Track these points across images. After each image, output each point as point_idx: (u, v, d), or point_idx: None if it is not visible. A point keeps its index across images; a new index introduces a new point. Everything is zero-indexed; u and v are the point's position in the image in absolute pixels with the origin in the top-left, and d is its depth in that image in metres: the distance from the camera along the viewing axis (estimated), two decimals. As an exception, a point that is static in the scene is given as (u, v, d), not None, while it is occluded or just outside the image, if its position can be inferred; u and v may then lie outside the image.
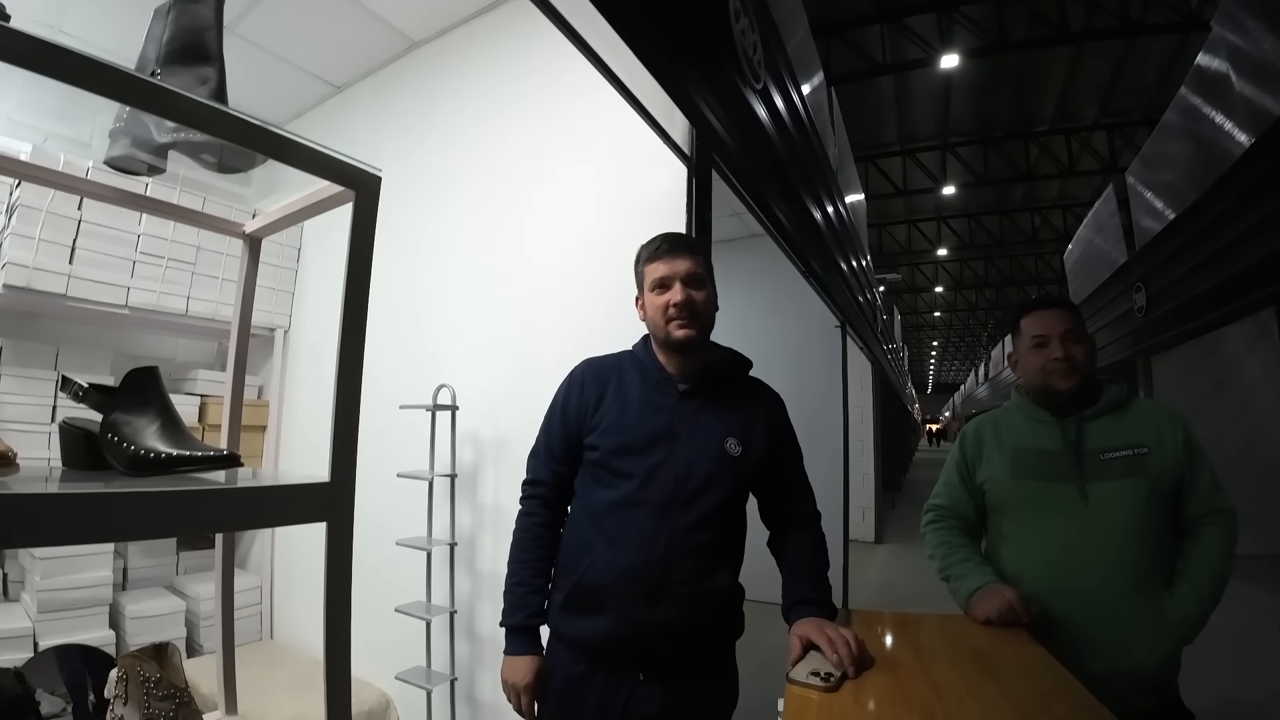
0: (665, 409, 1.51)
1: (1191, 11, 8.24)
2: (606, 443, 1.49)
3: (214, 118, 0.83)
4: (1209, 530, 1.58)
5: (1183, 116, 6.65)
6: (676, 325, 1.50)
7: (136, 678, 1.06)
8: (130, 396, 0.97)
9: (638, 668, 1.43)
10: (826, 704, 1.12)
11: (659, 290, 1.53)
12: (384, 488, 2.62)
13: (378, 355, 1.54)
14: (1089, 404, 1.66)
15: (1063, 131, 12.67)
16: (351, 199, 0.91)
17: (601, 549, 1.44)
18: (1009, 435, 1.75)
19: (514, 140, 2.70)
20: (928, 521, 1.87)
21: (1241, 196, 5.37)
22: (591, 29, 1.57)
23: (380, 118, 3.24)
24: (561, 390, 1.62)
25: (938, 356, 43.64)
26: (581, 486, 1.55)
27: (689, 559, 1.43)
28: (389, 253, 2.96)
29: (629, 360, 1.61)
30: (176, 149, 1.09)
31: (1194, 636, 1.53)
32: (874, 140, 13.26)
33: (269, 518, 0.90)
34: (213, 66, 1.16)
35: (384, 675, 2.55)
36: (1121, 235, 8.67)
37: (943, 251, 19.41)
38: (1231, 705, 3.57)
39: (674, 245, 1.56)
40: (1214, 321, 6.23)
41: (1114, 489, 1.57)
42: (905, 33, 9.60)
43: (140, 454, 0.87)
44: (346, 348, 0.87)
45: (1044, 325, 1.69)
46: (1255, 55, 5.08)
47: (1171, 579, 1.57)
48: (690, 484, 1.45)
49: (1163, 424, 1.62)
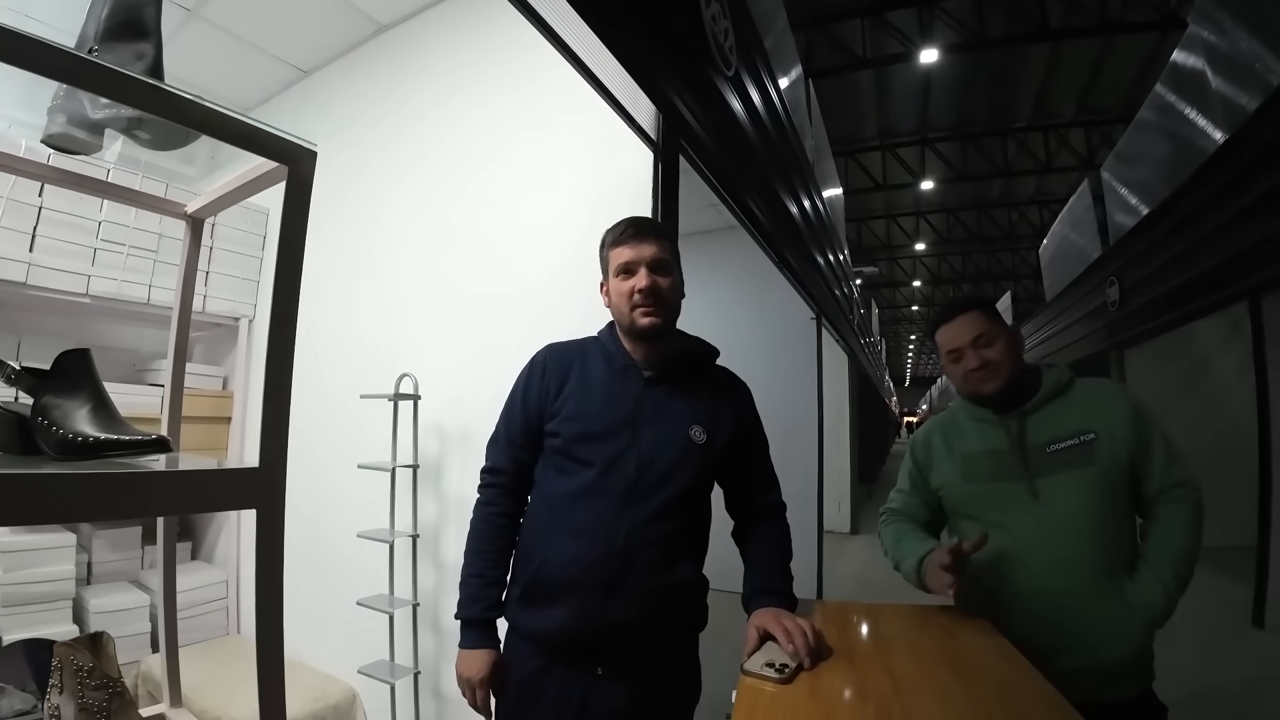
0: (629, 396, 1.48)
1: (1170, 10, 8.32)
2: (567, 429, 1.45)
3: (142, 92, 0.80)
4: (1168, 508, 1.54)
5: (1158, 113, 6.73)
6: (641, 313, 1.46)
7: (70, 667, 1.04)
8: (61, 379, 0.95)
9: (596, 661, 1.40)
10: (779, 696, 1.10)
11: (624, 276, 1.49)
12: (345, 479, 2.59)
13: (338, 344, 1.51)
14: (1029, 396, 1.62)
15: (1041, 128, 12.79)
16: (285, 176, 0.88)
17: (560, 539, 1.40)
18: (957, 439, 1.72)
19: (480, 124, 2.66)
20: (883, 523, 1.85)
21: (1214, 192, 5.43)
22: (553, 9, 1.54)
23: (347, 102, 3.19)
24: (523, 375, 1.57)
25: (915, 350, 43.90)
26: (541, 475, 1.51)
27: (650, 550, 1.40)
28: (350, 238, 2.94)
29: (593, 346, 1.58)
30: (110, 125, 1.06)
31: (1164, 621, 1.48)
32: (854, 135, 13.32)
33: (195, 503, 0.87)
34: (150, 42, 1.13)
35: (349, 669, 2.51)
36: (1096, 230, 8.77)
37: (921, 246, 19.55)
38: (1204, 697, 3.61)
39: (640, 230, 1.52)
40: (1186, 315, 6.32)
41: (1063, 482, 1.54)
42: (886, 27, 9.62)
43: (69, 438, 0.85)
44: (277, 331, 0.84)
45: (953, 338, 1.66)
46: (1230, 53, 5.13)
47: (1136, 564, 1.53)
48: (652, 473, 1.42)
49: (1108, 404, 1.58)
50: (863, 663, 1.25)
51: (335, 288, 2.84)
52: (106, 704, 1.03)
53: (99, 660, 1.07)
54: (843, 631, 1.43)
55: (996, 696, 1.09)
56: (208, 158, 3.80)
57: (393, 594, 2.46)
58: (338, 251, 2.88)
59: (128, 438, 0.86)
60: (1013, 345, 1.63)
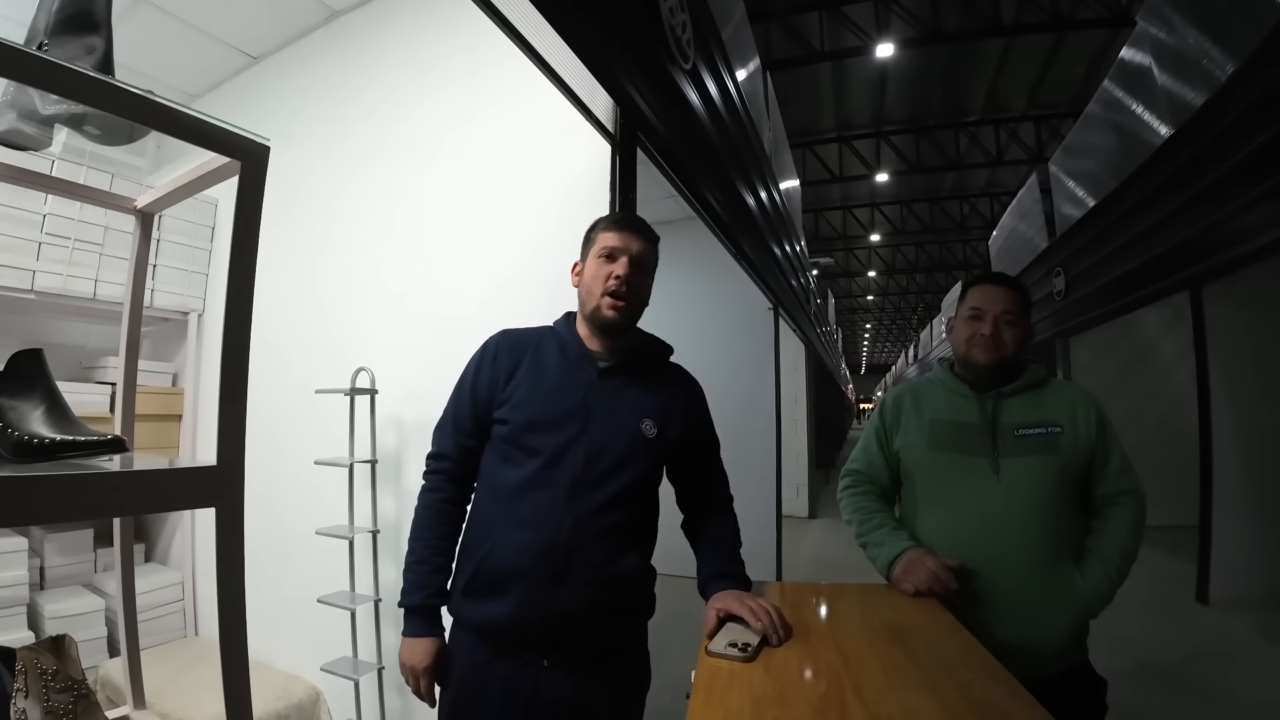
0: (581, 386, 1.47)
1: (1120, 8, 8.54)
2: (517, 417, 1.44)
3: (92, 88, 0.79)
4: (1118, 510, 1.64)
5: (1105, 108, 6.87)
6: (610, 302, 1.46)
7: (35, 671, 1.03)
8: (14, 381, 0.95)
9: (542, 653, 1.38)
10: (737, 674, 1.14)
11: (606, 259, 1.49)
12: (303, 476, 2.56)
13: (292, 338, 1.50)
14: (1008, 382, 1.71)
15: (992, 122, 13.09)
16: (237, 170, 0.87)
17: (506, 530, 1.39)
18: (928, 406, 1.79)
19: (435, 116, 2.63)
20: (844, 486, 1.90)
21: (1159, 186, 5.58)
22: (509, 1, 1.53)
23: (299, 90, 3.13)
24: (473, 361, 1.55)
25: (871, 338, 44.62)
26: (488, 464, 1.49)
27: (597, 541, 1.39)
28: (304, 230, 2.89)
29: (549, 335, 1.56)
30: (61, 121, 1.04)
31: (1099, 611, 1.60)
32: (811, 127, 13.46)
33: (154, 502, 0.87)
34: (100, 35, 1.11)
35: (312, 667, 2.49)
36: (1044, 222, 8.97)
37: (876, 237, 19.87)
38: (1148, 670, 3.76)
39: (635, 225, 1.53)
40: (1130, 305, 6.50)
41: (1026, 464, 1.62)
42: (843, 21, 9.73)
43: (24, 439, 0.85)
44: (232, 327, 0.84)
45: (984, 300, 1.72)
46: (1178, 49, 5.25)
47: (1080, 554, 1.63)
48: (601, 464, 1.41)
49: (1077, 405, 1.68)
50: (816, 640, 1.30)
51: (289, 281, 2.78)
52: (72, 706, 1.03)
53: (62, 663, 1.06)
54: (800, 611, 1.47)
55: (944, 670, 1.14)
56: (155, 148, 3.70)
57: (354, 590, 2.44)
58: (291, 243, 2.82)
59: (84, 439, 0.86)
60: (1024, 336, 1.72)
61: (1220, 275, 5.11)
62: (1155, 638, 4.28)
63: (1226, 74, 4.51)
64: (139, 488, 0.78)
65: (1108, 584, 1.57)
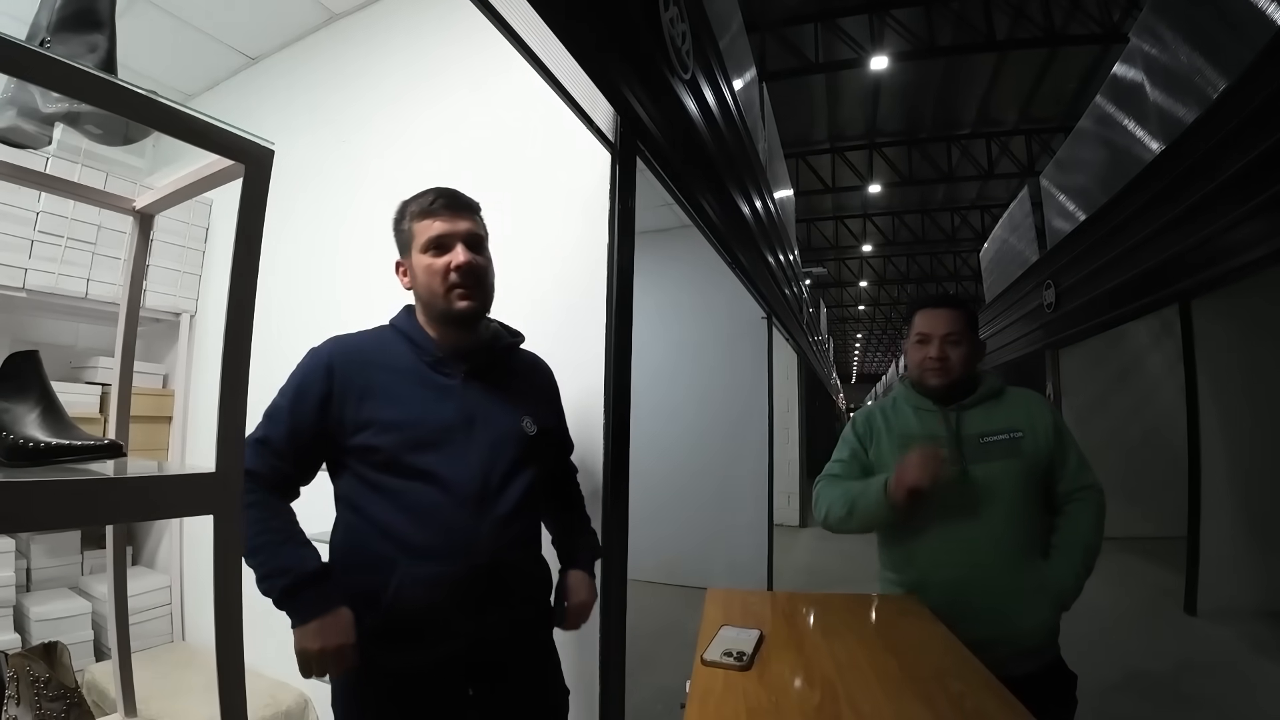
0: (451, 393, 1.35)
1: (1113, 24, 8.62)
2: (388, 440, 1.28)
3: (95, 87, 0.78)
4: (1078, 506, 1.73)
5: (1097, 123, 6.91)
6: (459, 295, 1.34)
7: (27, 678, 1.03)
8: (9, 383, 0.92)
9: (466, 683, 1.32)
10: (733, 683, 1.14)
11: (435, 252, 1.36)
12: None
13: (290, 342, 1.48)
14: (966, 394, 1.79)
15: (984, 136, 13.15)
16: (241, 174, 0.87)
17: (412, 567, 1.25)
18: (897, 421, 1.86)
19: (434, 118, 2.62)
20: (821, 486, 1.93)
21: (1149, 201, 5.61)
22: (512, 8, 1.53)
23: (296, 92, 3.11)
24: (297, 375, 1.36)
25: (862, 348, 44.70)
26: (359, 498, 1.32)
27: (512, 552, 1.33)
28: (303, 233, 2.87)
29: (390, 337, 1.42)
30: (61, 119, 1.03)
31: (1071, 602, 1.67)
32: (805, 138, 13.49)
33: (152, 509, 0.86)
34: (103, 33, 1.10)
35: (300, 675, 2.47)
36: (1034, 235, 9.03)
37: (868, 248, 19.91)
38: (1136, 680, 3.77)
39: (453, 201, 1.40)
40: (1119, 318, 6.52)
41: (993, 469, 1.70)
42: (838, 33, 9.77)
43: (19, 443, 0.83)
44: (233, 332, 0.83)
45: (928, 324, 1.80)
46: (1170, 66, 5.28)
47: (1047, 550, 1.71)
48: (497, 473, 1.33)
49: (1033, 410, 1.77)
50: (810, 649, 1.32)
51: (286, 285, 2.76)
52: (65, 714, 1.02)
53: (55, 671, 1.05)
54: (791, 621, 1.48)
55: (937, 679, 1.16)
56: (151, 147, 3.67)
57: (343, 595, 2.42)
58: (289, 246, 2.80)
59: (80, 443, 0.84)
60: (972, 354, 1.79)
61: (1210, 289, 5.14)
62: (1143, 648, 4.29)
63: (1218, 91, 4.54)
64: (136, 494, 0.77)
65: (1073, 576, 1.65)
